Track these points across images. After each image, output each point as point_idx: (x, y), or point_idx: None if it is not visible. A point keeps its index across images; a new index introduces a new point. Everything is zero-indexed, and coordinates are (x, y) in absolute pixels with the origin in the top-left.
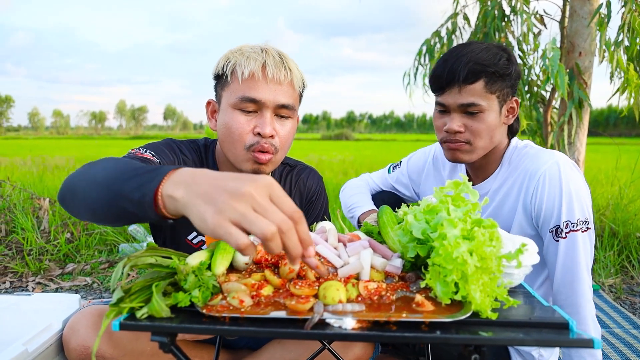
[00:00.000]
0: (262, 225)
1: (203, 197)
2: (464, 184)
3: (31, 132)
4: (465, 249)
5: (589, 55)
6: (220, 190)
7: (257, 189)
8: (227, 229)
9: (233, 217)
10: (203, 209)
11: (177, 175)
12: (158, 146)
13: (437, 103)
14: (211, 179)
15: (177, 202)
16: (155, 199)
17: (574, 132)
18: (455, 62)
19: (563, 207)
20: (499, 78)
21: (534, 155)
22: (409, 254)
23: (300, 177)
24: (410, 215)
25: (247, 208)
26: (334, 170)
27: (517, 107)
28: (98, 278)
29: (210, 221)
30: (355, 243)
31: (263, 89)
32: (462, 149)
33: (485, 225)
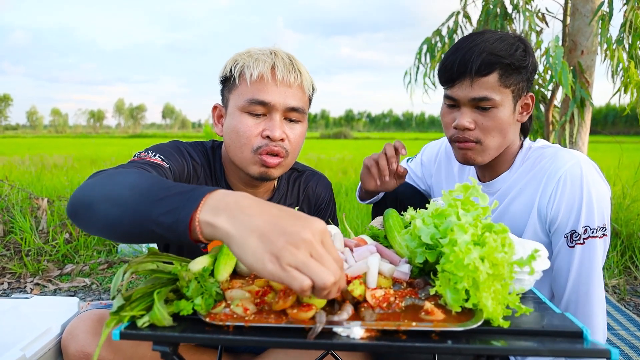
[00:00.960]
0: (323, 276)
1: (257, 234)
2: (473, 187)
3: (29, 130)
4: (477, 255)
5: (591, 53)
6: (278, 231)
7: (315, 236)
8: (290, 274)
9: (293, 264)
10: (258, 249)
11: (216, 199)
12: (166, 149)
13: (447, 97)
14: (264, 213)
15: (218, 230)
16: (191, 226)
17: (576, 132)
18: (467, 52)
19: (583, 212)
20: (515, 71)
21: (553, 155)
22: (418, 259)
23: (309, 183)
24: (419, 219)
25: (306, 255)
26: (333, 169)
27: (532, 104)
28: (97, 279)
29: (269, 265)
30: (362, 248)
31: (272, 91)
32: (472, 149)
33: (497, 231)
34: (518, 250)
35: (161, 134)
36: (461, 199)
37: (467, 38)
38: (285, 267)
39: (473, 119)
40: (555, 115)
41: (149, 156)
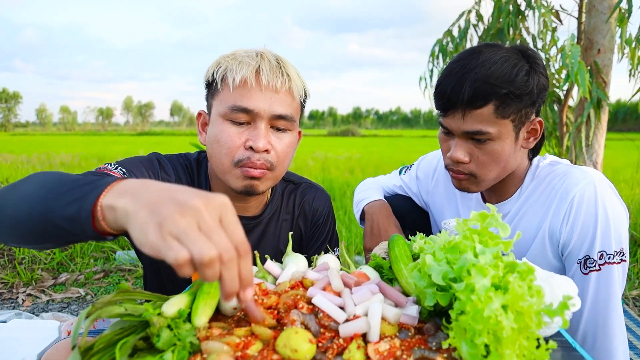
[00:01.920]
0: (202, 247)
1: (147, 206)
2: (492, 215)
3: (39, 128)
4: (499, 304)
5: (608, 52)
6: (167, 200)
7: (208, 206)
8: (168, 243)
9: (174, 232)
10: (146, 219)
11: (123, 184)
12: (134, 163)
13: (440, 125)
14: (161, 189)
15: (117, 212)
16: (94, 213)
17: (592, 134)
18: (460, 80)
19: (598, 236)
20: (515, 99)
21: (564, 174)
22: (427, 302)
23: (305, 197)
24: (429, 255)
25: (190, 224)
26: (340, 168)
27: (540, 129)
28: (92, 289)
29: (151, 236)
30: (363, 288)
31: (256, 97)
32: (467, 180)
33: (521, 272)
34: (544, 289)
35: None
36: (478, 229)
37: (461, 59)
38: (165, 236)
39: (468, 151)
40: (570, 116)
41: (109, 169)
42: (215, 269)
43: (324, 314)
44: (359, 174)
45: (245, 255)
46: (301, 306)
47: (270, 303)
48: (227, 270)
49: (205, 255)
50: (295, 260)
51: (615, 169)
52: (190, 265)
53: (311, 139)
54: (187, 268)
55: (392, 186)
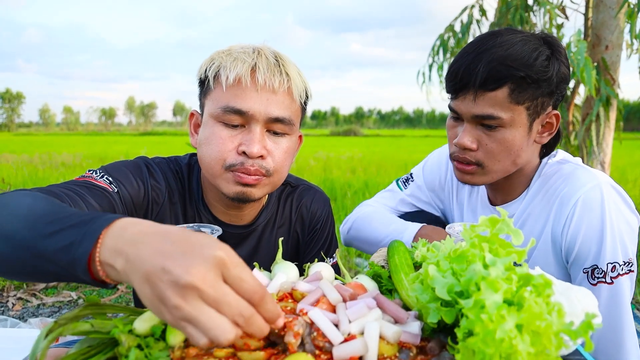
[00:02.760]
0: (217, 334)
1: (147, 280)
2: (503, 220)
3: (42, 128)
4: (513, 324)
5: (616, 48)
6: (162, 277)
7: (204, 277)
8: (186, 330)
9: (185, 318)
10: (152, 297)
11: (115, 236)
12: (120, 169)
13: (450, 108)
14: (155, 252)
15: (119, 273)
16: (90, 265)
17: (602, 132)
18: (475, 59)
19: (607, 245)
20: (532, 84)
21: (569, 175)
22: (430, 318)
23: (303, 200)
24: (432, 266)
25: (195, 307)
26: (342, 168)
27: (556, 123)
28: (84, 292)
29: (168, 317)
30: (359, 303)
31: (251, 97)
32: (472, 172)
33: (537, 285)
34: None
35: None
36: (487, 236)
37: (479, 39)
38: (178, 323)
39: (476, 137)
40: (576, 114)
41: (94, 177)
42: (237, 336)
43: (319, 332)
44: (361, 174)
45: (261, 302)
46: None
47: None
48: (249, 327)
49: (223, 340)
50: (285, 269)
51: (620, 168)
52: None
53: (313, 138)
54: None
55: (396, 205)
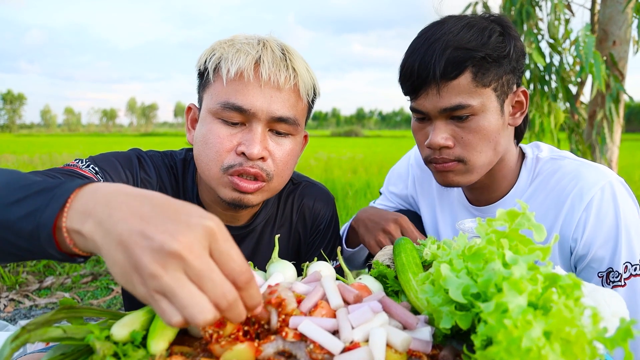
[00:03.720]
0: (195, 312)
1: (120, 245)
2: (523, 214)
3: (43, 129)
4: (540, 331)
5: (624, 44)
6: (142, 240)
7: (191, 246)
8: (158, 305)
9: (160, 290)
10: (124, 265)
11: (82, 200)
12: (109, 160)
13: (413, 110)
14: (132, 215)
15: (87, 240)
16: (55, 234)
17: (613, 130)
18: (427, 52)
19: (622, 246)
20: (493, 63)
21: (574, 173)
22: (443, 323)
23: (304, 199)
24: (445, 265)
25: (176, 279)
26: (343, 168)
27: (525, 100)
28: (78, 294)
29: (139, 288)
30: (363, 307)
31: (254, 94)
32: (454, 170)
33: (565, 286)
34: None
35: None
36: (506, 232)
37: (425, 32)
38: (151, 294)
39: (450, 133)
40: (582, 112)
41: (79, 166)
42: (213, 321)
43: (315, 344)
44: (362, 174)
45: (247, 286)
46: (285, 333)
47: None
48: (229, 312)
49: (200, 320)
50: (281, 268)
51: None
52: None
53: (314, 139)
54: (183, 325)
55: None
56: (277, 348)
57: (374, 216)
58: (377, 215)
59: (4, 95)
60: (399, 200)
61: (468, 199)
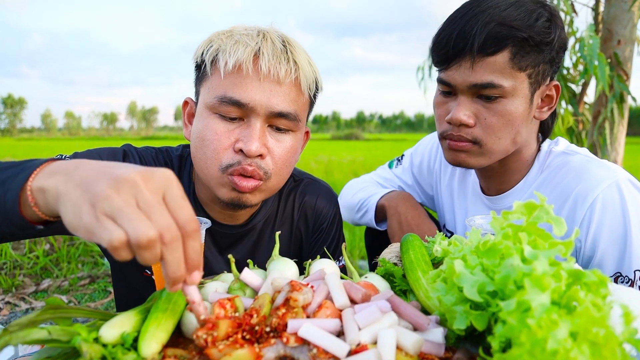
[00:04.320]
0: (139, 226)
1: (80, 184)
2: (541, 207)
3: (44, 133)
4: (566, 332)
5: (629, 43)
6: (102, 176)
7: (148, 181)
8: (102, 224)
9: (108, 210)
10: (78, 199)
11: (55, 164)
12: (94, 155)
13: (440, 81)
14: (98, 165)
15: (48, 193)
16: (21, 198)
17: (616, 131)
18: (469, 22)
19: (632, 250)
20: (534, 48)
21: (580, 169)
22: (457, 324)
23: (306, 196)
24: (459, 261)
25: (127, 201)
26: (344, 170)
27: (556, 96)
28: (75, 297)
29: (84, 217)
30: (370, 306)
31: (252, 87)
32: (468, 151)
33: (590, 283)
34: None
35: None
36: (522, 226)
37: (470, 3)
38: (98, 216)
39: (473, 112)
40: (586, 113)
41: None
42: (156, 251)
43: (319, 349)
44: None
45: (193, 235)
46: (285, 339)
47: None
48: (170, 252)
49: (142, 235)
50: (282, 266)
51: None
52: (128, 248)
53: (314, 142)
54: (124, 251)
55: (384, 182)
56: (279, 352)
57: (413, 219)
58: (416, 218)
59: (5, 99)
60: (419, 175)
61: (481, 187)
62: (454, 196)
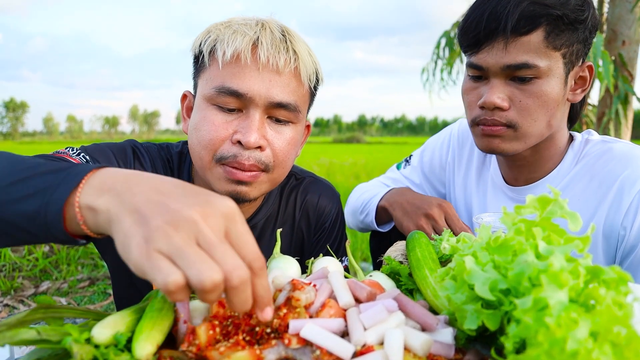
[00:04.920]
0: (203, 269)
1: (134, 213)
2: (555, 201)
3: (45, 137)
4: (587, 332)
5: (633, 44)
6: (158, 208)
7: (208, 217)
8: (155, 263)
9: (164, 249)
10: (130, 231)
11: (101, 176)
12: (103, 150)
13: (471, 65)
14: (150, 188)
15: (99, 215)
16: (66, 212)
17: (621, 132)
18: (500, 2)
19: None
20: (568, 26)
21: (625, 155)
22: (468, 324)
23: (308, 195)
24: (470, 257)
25: (186, 240)
26: (345, 173)
27: (590, 77)
28: (75, 299)
29: (134, 252)
30: (376, 305)
31: (251, 77)
32: (502, 136)
33: (609, 280)
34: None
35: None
36: (537, 221)
37: None
38: (151, 254)
39: (507, 94)
40: (589, 114)
41: (69, 154)
42: (220, 292)
43: (322, 350)
44: (365, 179)
45: (260, 273)
46: (287, 341)
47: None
48: (237, 294)
49: (207, 279)
50: (284, 264)
51: None
52: (186, 291)
53: (316, 145)
54: (181, 294)
55: (391, 184)
56: (280, 354)
57: (415, 199)
58: (418, 198)
59: (7, 103)
60: (429, 173)
61: (505, 178)
62: (471, 192)
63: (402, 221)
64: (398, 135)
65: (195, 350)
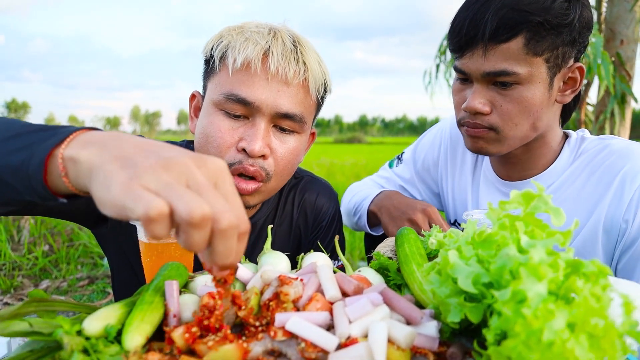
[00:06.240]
0: (192, 201)
1: (121, 160)
2: (539, 196)
3: None
4: (564, 323)
5: (632, 43)
6: (149, 155)
7: (200, 167)
8: (136, 193)
9: (152, 186)
10: (113, 172)
11: (90, 134)
12: None
13: (455, 69)
14: (143, 142)
15: (80, 165)
16: (47, 165)
17: (617, 132)
18: (480, 9)
19: None
20: (551, 31)
21: (625, 150)
22: (451, 317)
23: (306, 194)
24: (453, 252)
25: (176, 179)
26: (346, 173)
27: (580, 78)
28: (74, 297)
29: (114, 189)
30: (362, 299)
31: (259, 86)
32: (485, 137)
33: (589, 273)
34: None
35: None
36: (520, 216)
37: None
38: (134, 188)
39: (488, 99)
40: (588, 114)
41: None
42: (206, 232)
43: (307, 343)
44: None
45: (243, 237)
46: (273, 333)
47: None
48: (225, 240)
49: (196, 209)
50: (272, 259)
51: None
52: (167, 221)
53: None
54: (161, 224)
55: (384, 183)
56: (266, 347)
57: (400, 204)
58: (403, 203)
59: (8, 103)
60: (422, 171)
61: (499, 175)
62: (466, 188)
63: (388, 226)
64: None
65: (177, 352)
